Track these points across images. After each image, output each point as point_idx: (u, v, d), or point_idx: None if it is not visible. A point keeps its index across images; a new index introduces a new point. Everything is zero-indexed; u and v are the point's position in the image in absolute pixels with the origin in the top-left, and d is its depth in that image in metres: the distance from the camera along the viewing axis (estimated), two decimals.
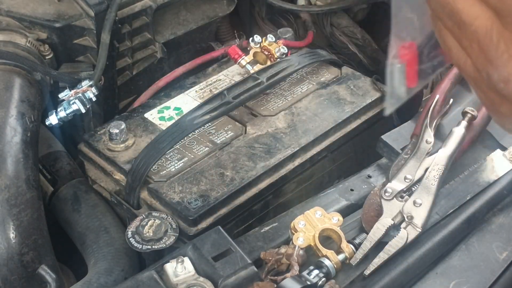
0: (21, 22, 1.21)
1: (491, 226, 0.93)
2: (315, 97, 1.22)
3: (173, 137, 1.06)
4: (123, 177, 1.07)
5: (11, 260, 0.93)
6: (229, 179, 1.04)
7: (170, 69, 1.35)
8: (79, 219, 1.09)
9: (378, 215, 0.91)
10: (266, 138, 1.13)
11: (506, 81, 0.45)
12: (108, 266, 1.00)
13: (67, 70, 1.23)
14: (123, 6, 1.25)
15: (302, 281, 0.80)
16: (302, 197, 1.07)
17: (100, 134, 1.14)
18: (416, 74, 0.46)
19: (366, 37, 1.53)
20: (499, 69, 0.45)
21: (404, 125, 1.10)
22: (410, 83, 0.47)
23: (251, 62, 1.26)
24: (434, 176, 0.94)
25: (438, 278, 0.86)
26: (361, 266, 0.86)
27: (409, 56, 0.46)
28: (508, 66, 0.44)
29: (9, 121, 1.01)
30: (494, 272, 0.87)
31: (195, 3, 1.42)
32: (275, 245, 0.90)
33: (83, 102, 1.16)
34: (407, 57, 0.46)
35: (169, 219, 0.97)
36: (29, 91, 1.08)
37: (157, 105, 1.21)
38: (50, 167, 1.18)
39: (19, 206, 0.94)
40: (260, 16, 1.58)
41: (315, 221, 0.89)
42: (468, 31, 0.45)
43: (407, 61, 0.45)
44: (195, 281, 0.79)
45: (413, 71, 0.46)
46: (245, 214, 1.05)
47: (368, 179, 1.04)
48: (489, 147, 1.04)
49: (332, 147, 1.16)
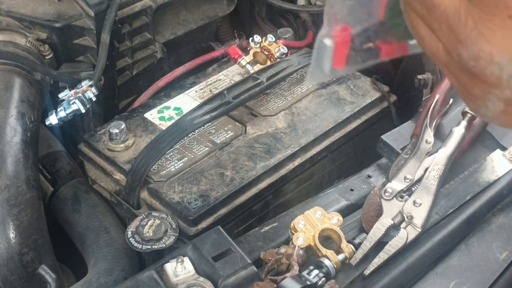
0: (21, 22, 1.21)
1: (491, 226, 0.93)
2: (315, 97, 1.22)
3: (173, 137, 1.06)
4: (123, 177, 1.07)
5: (11, 260, 0.93)
6: (229, 179, 1.04)
7: (170, 69, 1.35)
8: (79, 219, 1.09)
9: (378, 215, 0.91)
10: (266, 138, 1.13)
11: (476, 58, 0.45)
12: (108, 266, 1.00)
13: (67, 70, 1.23)
14: (123, 6, 1.25)
15: (302, 281, 0.80)
16: (302, 197, 1.07)
17: (100, 134, 1.14)
18: (344, 58, 0.46)
19: None
20: (469, 47, 0.45)
21: (404, 125, 1.10)
22: (336, 64, 0.46)
23: (251, 62, 1.26)
24: (434, 176, 0.94)
25: (438, 278, 0.86)
26: (361, 266, 0.86)
27: (341, 38, 0.46)
28: (477, 43, 0.44)
29: (9, 121, 1.01)
30: (494, 272, 0.86)
31: (195, 3, 1.42)
32: (275, 245, 0.90)
33: (83, 102, 1.16)
34: (338, 39, 0.46)
35: (169, 219, 0.97)
36: (29, 91, 1.08)
37: (157, 105, 1.21)
38: (50, 167, 1.18)
39: (19, 206, 0.94)
40: (260, 16, 1.58)
41: (315, 221, 0.89)
42: (437, 12, 0.45)
43: (337, 43, 0.45)
44: (195, 281, 0.79)
45: (341, 54, 0.46)
46: (245, 214, 1.05)
47: (368, 179, 1.04)
48: (489, 147, 1.04)
49: (332, 147, 1.16)
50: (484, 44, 0.44)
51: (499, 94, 0.46)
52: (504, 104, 0.46)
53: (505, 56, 0.44)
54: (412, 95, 1.32)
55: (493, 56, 0.44)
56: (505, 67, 0.44)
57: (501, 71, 0.44)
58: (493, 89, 0.46)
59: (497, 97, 0.46)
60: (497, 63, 0.44)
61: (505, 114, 0.47)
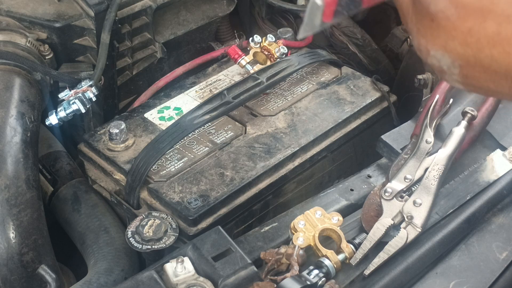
0: (21, 22, 1.21)
1: (491, 226, 0.93)
2: (315, 97, 1.22)
3: (173, 137, 1.06)
4: (123, 177, 1.07)
5: (11, 260, 0.93)
6: (229, 179, 1.04)
7: (170, 69, 1.35)
8: (79, 219, 1.09)
9: (378, 215, 0.91)
10: (266, 138, 1.13)
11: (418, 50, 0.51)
12: (108, 266, 1.00)
13: (67, 70, 1.23)
14: (123, 6, 1.25)
15: (302, 281, 0.80)
16: (302, 197, 1.07)
17: (100, 134, 1.14)
18: (333, 13, 0.51)
19: (366, 37, 1.53)
20: (414, 39, 0.51)
21: (404, 125, 1.10)
22: (326, 18, 0.52)
23: (251, 62, 1.26)
24: (434, 176, 0.94)
25: (438, 278, 0.86)
26: (361, 266, 0.86)
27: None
28: (417, 37, 0.51)
29: (9, 121, 1.01)
30: (494, 272, 0.86)
31: (195, 3, 1.42)
32: (275, 245, 0.90)
33: (83, 102, 1.15)
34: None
35: (169, 219, 0.97)
36: (29, 91, 1.08)
37: (157, 105, 1.21)
38: (50, 167, 1.18)
39: (19, 206, 0.94)
40: (260, 16, 1.58)
41: (315, 221, 0.89)
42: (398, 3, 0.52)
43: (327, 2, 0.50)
44: (195, 281, 0.79)
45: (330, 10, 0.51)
46: (245, 214, 1.05)
47: (368, 179, 1.04)
48: (489, 147, 1.04)
49: (332, 147, 1.16)
50: (421, 39, 0.51)
51: (450, 78, 0.51)
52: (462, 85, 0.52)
53: (438, 50, 0.49)
54: (412, 95, 1.32)
55: (429, 50, 0.50)
56: (441, 60, 0.50)
57: (439, 62, 0.50)
58: (443, 75, 0.52)
59: (451, 78, 0.52)
60: (433, 56, 0.50)
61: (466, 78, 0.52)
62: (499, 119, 1.08)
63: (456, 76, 0.51)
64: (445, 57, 0.50)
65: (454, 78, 0.51)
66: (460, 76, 0.51)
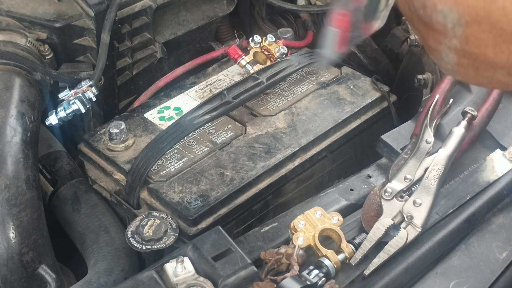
0: (21, 22, 1.21)
1: (491, 226, 0.93)
2: (315, 97, 1.22)
3: (173, 137, 1.06)
4: (123, 177, 1.07)
5: (11, 260, 0.93)
6: (229, 179, 1.04)
7: (170, 69, 1.35)
8: (79, 219, 1.09)
9: (378, 215, 0.91)
10: (266, 138, 1.13)
11: (423, 6, 0.50)
12: (108, 266, 1.00)
13: (67, 70, 1.23)
14: (123, 6, 1.25)
15: (302, 281, 0.80)
16: (302, 197, 1.07)
17: (100, 134, 1.14)
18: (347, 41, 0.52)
19: (366, 37, 1.53)
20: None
21: (404, 125, 1.10)
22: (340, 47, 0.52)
23: (251, 62, 1.26)
24: (434, 176, 0.94)
25: (438, 278, 0.86)
26: (361, 266, 0.86)
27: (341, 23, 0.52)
28: None
29: (9, 121, 1.01)
30: (494, 272, 0.86)
31: (195, 3, 1.42)
32: (275, 245, 0.90)
33: (83, 102, 1.15)
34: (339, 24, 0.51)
35: (169, 219, 0.97)
36: (29, 91, 1.08)
37: (157, 105, 1.21)
38: (50, 167, 1.18)
39: (19, 206, 0.94)
40: (260, 16, 1.58)
41: (315, 221, 0.89)
42: None
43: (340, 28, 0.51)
44: (195, 281, 0.79)
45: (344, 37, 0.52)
46: (245, 214, 1.05)
47: (368, 179, 1.04)
48: (489, 147, 1.04)
49: (332, 147, 1.16)
50: None
51: (449, 44, 0.51)
52: (456, 55, 0.51)
53: (446, 4, 0.49)
54: (412, 95, 1.32)
55: (436, 4, 0.49)
56: (447, 15, 0.49)
57: (445, 19, 0.49)
58: (442, 38, 0.51)
59: (448, 47, 0.51)
60: (440, 11, 0.49)
61: (461, 67, 0.52)
62: (499, 119, 1.08)
63: (456, 41, 0.50)
64: (452, 12, 0.49)
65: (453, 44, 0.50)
66: (462, 39, 0.49)
